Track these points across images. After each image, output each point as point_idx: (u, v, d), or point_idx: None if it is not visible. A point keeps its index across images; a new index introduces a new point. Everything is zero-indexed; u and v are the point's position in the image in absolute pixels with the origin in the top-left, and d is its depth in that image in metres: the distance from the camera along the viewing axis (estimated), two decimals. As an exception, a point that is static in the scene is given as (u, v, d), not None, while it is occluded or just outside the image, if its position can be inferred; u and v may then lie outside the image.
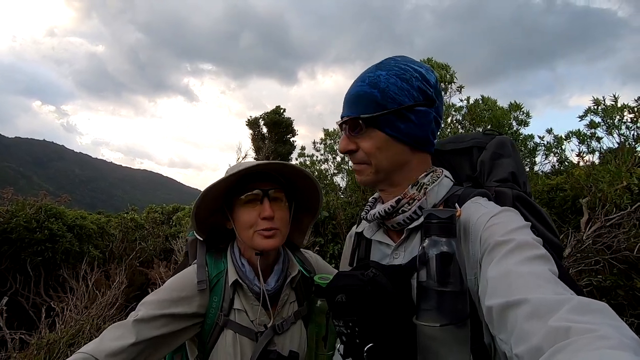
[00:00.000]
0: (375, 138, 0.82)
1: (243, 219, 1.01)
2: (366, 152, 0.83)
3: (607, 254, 3.02)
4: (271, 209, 1.00)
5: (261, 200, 1.01)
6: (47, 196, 5.33)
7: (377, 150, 0.82)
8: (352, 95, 0.84)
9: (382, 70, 0.83)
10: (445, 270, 0.65)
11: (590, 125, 4.64)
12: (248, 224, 1.00)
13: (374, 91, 0.81)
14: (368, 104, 0.81)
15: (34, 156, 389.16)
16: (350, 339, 0.75)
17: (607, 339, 0.40)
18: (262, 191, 1.01)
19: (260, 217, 1.00)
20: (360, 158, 0.85)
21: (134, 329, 0.88)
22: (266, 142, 11.89)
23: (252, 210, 1.01)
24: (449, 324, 0.64)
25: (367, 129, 0.82)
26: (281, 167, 1.05)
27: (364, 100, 0.82)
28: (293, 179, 1.10)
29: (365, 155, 0.84)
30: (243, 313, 1.02)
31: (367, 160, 0.84)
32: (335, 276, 0.82)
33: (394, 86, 0.80)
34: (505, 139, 0.92)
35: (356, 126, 0.83)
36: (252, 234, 1.00)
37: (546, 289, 0.53)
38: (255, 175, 1.04)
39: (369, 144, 0.82)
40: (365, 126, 0.82)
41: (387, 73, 0.82)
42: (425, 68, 0.85)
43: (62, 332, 3.06)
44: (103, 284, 4.18)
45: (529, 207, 0.81)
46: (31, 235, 4.60)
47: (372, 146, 0.82)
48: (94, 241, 5.63)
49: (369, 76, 0.83)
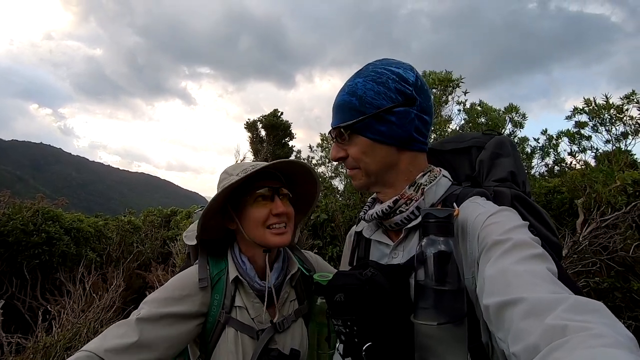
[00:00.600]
0: (359, 144, 0.85)
1: (254, 216, 1.03)
2: (354, 157, 0.87)
3: (603, 255, 3.03)
4: (283, 206, 1.03)
5: (272, 198, 1.04)
6: (44, 199, 5.30)
7: (363, 155, 0.85)
8: (335, 105, 0.89)
9: (360, 77, 0.86)
10: (442, 269, 0.66)
11: (578, 125, 4.73)
12: (260, 221, 1.02)
13: (353, 99, 0.84)
14: (348, 112, 0.84)
15: (31, 159, 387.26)
16: (349, 338, 0.76)
17: (603, 337, 0.41)
18: (273, 189, 1.04)
19: (272, 214, 1.02)
20: (350, 164, 0.89)
21: (137, 327, 0.88)
22: (264, 145, 11.89)
23: (263, 207, 1.03)
24: (446, 323, 0.64)
25: (351, 136, 0.86)
26: (291, 165, 1.09)
27: (344, 109, 0.85)
28: (293, 178, 1.13)
29: (354, 161, 0.87)
30: (244, 310, 1.02)
31: (356, 165, 0.88)
32: (334, 275, 0.83)
33: (371, 91, 0.82)
34: (505, 139, 0.93)
35: (341, 134, 0.87)
36: (264, 231, 1.02)
37: (543, 287, 0.54)
38: (260, 174, 1.06)
39: (354, 149, 0.86)
40: (348, 134, 0.85)
41: (364, 80, 0.84)
42: (403, 68, 0.85)
43: (59, 335, 3.04)
44: (100, 287, 4.16)
45: (527, 207, 0.81)
46: (28, 239, 4.57)
47: (358, 151, 0.86)
48: (91, 244, 5.60)
49: (349, 85, 0.87)
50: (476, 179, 0.92)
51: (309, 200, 1.20)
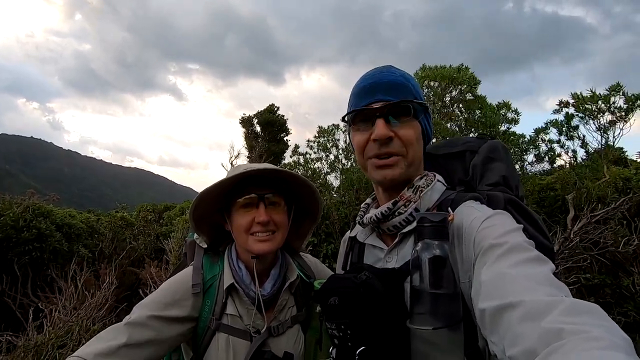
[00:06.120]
0: (415, 128, 0.81)
1: (239, 222, 1.01)
2: (405, 141, 0.79)
3: (594, 251, 3.07)
4: (266, 214, 0.99)
5: (257, 205, 1.00)
6: (34, 195, 5.22)
7: (416, 140, 0.81)
8: (389, 82, 0.81)
9: (398, 69, 0.85)
10: (438, 274, 0.65)
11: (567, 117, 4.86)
12: (243, 228, 1.00)
13: (409, 83, 0.81)
14: (409, 92, 0.80)
15: (21, 153, 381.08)
16: (342, 342, 0.75)
17: (599, 340, 0.41)
18: (257, 195, 1.00)
19: (255, 221, 0.99)
20: (395, 148, 0.80)
21: (126, 330, 0.89)
22: (259, 140, 11.84)
23: (247, 214, 1.00)
24: (442, 328, 0.64)
25: (410, 117, 0.80)
26: (275, 173, 1.04)
27: (404, 88, 0.80)
28: (292, 184, 1.09)
29: (402, 146, 0.80)
30: (237, 318, 1.01)
31: (401, 151, 0.80)
32: (328, 279, 0.82)
33: (417, 85, 0.83)
34: (498, 143, 0.93)
35: (403, 111, 0.79)
36: (247, 237, 1.00)
37: (538, 291, 0.54)
38: (255, 178, 1.03)
39: (410, 132, 0.80)
40: (411, 113, 0.79)
41: (404, 73, 0.84)
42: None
43: (51, 333, 3.00)
44: (92, 284, 4.11)
45: (520, 211, 0.81)
46: (18, 235, 4.51)
47: (414, 135, 0.80)
48: (83, 240, 5.54)
49: (394, 70, 0.84)
50: (470, 184, 0.92)
51: (313, 206, 1.14)
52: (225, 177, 1.00)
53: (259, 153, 9.30)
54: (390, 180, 0.82)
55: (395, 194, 0.85)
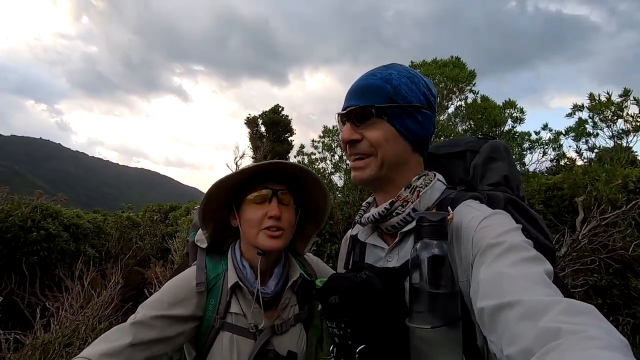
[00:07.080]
0: (384, 129, 0.82)
1: (250, 216, 1.02)
2: (373, 142, 0.83)
3: (602, 253, 3.04)
4: (278, 209, 1.01)
5: (269, 200, 1.02)
6: (42, 195, 5.29)
7: (385, 141, 0.82)
8: (363, 86, 0.85)
9: (392, 70, 0.86)
10: (437, 273, 0.66)
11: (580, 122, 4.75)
12: (255, 222, 1.01)
13: (387, 85, 0.83)
14: (380, 95, 0.82)
15: (30, 154, 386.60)
16: (342, 340, 0.75)
17: (596, 340, 0.42)
18: (271, 190, 1.02)
19: (267, 216, 1.00)
20: (363, 149, 0.84)
21: (131, 330, 0.90)
22: (264, 141, 11.89)
23: (259, 209, 1.02)
24: (441, 326, 0.64)
25: (375, 120, 0.82)
26: (294, 169, 1.05)
27: (375, 92, 0.83)
28: (304, 185, 1.10)
29: (370, 146, 0.83)
30: (241, 316, 1.02)
31: (371, 152, 0.84)
32: (329, 278, 0.82)
33: (405, 86, 0.83)
34: (499, 143, 0.94)
35: (365, 116, 0.83)
36: (258, 232, 1.01)
37: (536, 291, 0.54)
38: (266, 175, 1.04)
39: (377, 134, 0.82)
40: (375, 116, 0.82)
41: (398, 73, 0.85)
42: (429, 80, 0.89)
43: (57, 332, 3.04)
44: (99, 283, 4.15)
45: (521, 211, 0.81)
46: (26, 235, 4.56)
47: (381, 137, 0.82)
48: (90, 240, 5.59)
49: (381, 72, 0.85)
50: (470, 183, 0.92)
51: (319, 211, 1.15)
52: (246, 166, 1.01)
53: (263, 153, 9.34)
54: (359, 181, 0.87)
55: (384, 193, 0.87)
